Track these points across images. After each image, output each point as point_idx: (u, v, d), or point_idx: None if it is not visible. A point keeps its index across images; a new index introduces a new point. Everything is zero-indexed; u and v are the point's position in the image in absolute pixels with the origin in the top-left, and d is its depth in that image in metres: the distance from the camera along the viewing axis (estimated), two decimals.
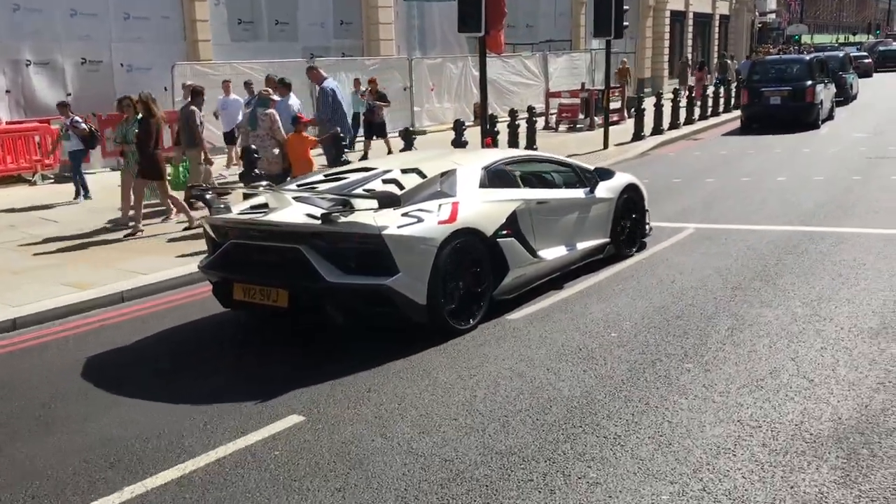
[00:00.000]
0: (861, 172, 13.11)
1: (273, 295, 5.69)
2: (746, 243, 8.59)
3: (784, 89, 20.10)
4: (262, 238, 5.87)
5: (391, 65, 21.57)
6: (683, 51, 39.42)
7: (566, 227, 7.17)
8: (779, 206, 10.54)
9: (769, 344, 5.56)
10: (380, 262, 5.49)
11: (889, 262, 7.52)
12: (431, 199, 5.95)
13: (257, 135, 10.59)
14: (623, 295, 6.91)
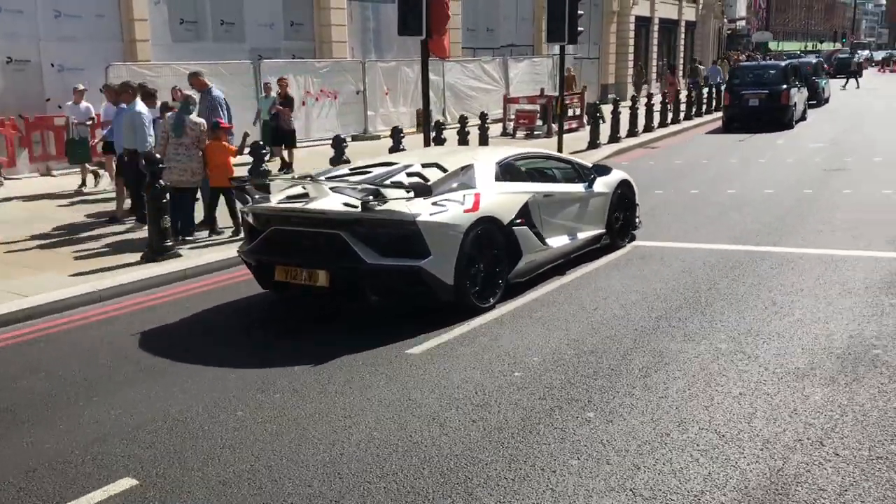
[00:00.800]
0: (813, 185, 12.69)
1: (314, 276, 6.22)
2: (682, 264, 8.06)
3: (762, 92, 21.96)
4: (303, 224, 6.34)
5: (343, 68, 20.89)
6: (649, 57, 39.15)
7: (568, 218, 7.80)
8: (723, 223, 10.04)
9: (684, 388, 4.97)
10: (414, 245, 6.06)
11: (827, 288, 6.99)
12: (456, 190, 6.55)
13: (182, 143, 9.86)
14: (539, 324, 6.31)
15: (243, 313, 7.01)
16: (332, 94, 20.48)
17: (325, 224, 6.21)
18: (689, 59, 44.21)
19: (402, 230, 6.08)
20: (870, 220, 9.79)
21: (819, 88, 29.23)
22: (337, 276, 6.18)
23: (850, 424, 4.37)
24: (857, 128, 22.22)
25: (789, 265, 7.83)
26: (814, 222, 9.84)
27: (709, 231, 9.59)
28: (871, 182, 12.75)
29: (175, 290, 7.89)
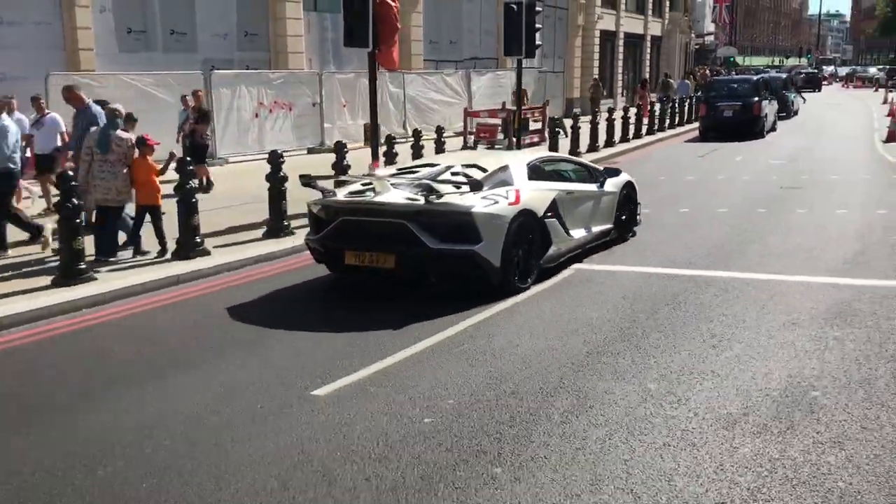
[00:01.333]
0: (768, 204, 12.39)
1: (381, 259, 7.17)
2: (624, 290, 7.64)
3: (735, 104, 23.59)
4: (371, 215, 7.31)
5: (299, 79, 20.35)
6: (614, 71, 39.08)
7: (585, 213, 8.77)
8: (672, 244, 9.64)
9: (604, 436, 4.52)
10: (468, 233, 7.02)
11: (770, 319, 6.59)
12: (499, 186, 7.57)
13: (107, 159, 9.25)
14: (463, 358, 5.84)
15: (146, 342, 6.47)
16: (287, 106, 19.94)
17: (391, 214, 7.21)
18: (655, 73, 44.37)
19: (458, 219, 7.09)
20: (822, 243, 9.48)
21: (788, 101, 30.76)
22: (403, 259, 7.16)
23: (779, 483, 3.94)
24: (819, 142, 22.27)
25: (735, 292, 7.44)
26: (765, 245, 9.50)
27: (655, 254, 9.19)
28: (826, 201, 12.50)
29: (84, 318, 7.31)
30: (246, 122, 18.87)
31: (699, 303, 7.12)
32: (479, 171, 8.02)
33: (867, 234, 9.87)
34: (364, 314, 6.97)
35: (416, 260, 7.17)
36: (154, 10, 18.39)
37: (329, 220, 7.66)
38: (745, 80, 26.58)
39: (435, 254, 7.08)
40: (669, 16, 46.81)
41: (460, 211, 7.13)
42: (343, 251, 7.48)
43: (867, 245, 9.29)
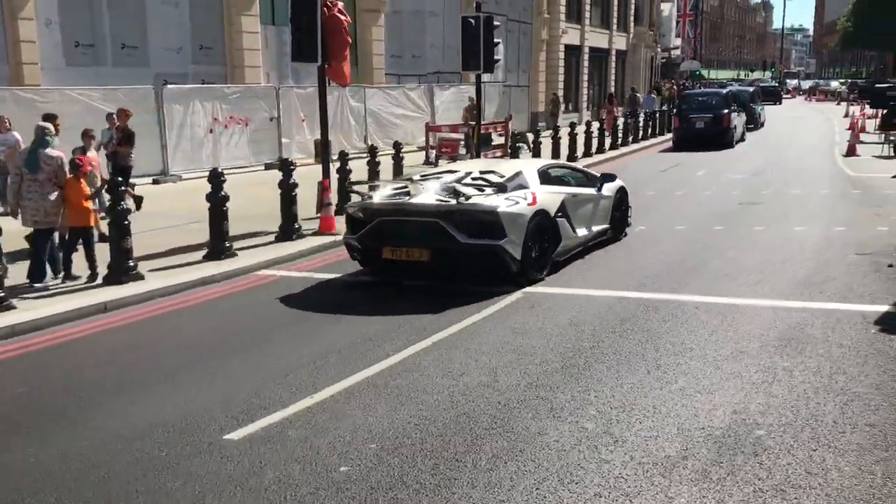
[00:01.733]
0: (726, 221, 12.18)
1: (417, 254, 8.03)
2: (571, 314, 7.32)
3: (707, 116, 24.97)
4: (406, 215, 8.15)
5: (256, 93, 19.92)
6: (579, 85, 39.03)
7: (587, 214, 9.61)
8: (625, 265, 9.36)
9: (533, 486, 4.16)
10: (494, 230, 7.88)
11: (719, 347, 6.29)
12: (518, 189, 8.46)
13: (37, 179, 8.76)
14: (394, 395, 5.46)
15: (55, 378, 6.01)
16: (244, 122, 19.49)
17: (426, 214, 8.05)
18: (620, 87, 44.47)
19: (486, 218, 7.94)
20: (777, 262, 9.24)
21: (756, 114, 31.94)
22: (436, 253, 8.00)
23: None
24: (782, 155, 22.35)
25: (684, 317, 7.15)
26: (719, 265, 9.23)
27: (607, 275, 8.90)
28: (785, 217, 12.32)
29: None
30: (199, 138, 18.41)
31: (647, 329, 6.81)
32: (496, 176, 8.95)
33: (824, 253, 9.67)
34: (295, 349, 6.60)
35: (448, 254, 8.04)
36: (103, 23, 17.87)
37: (367, 220, 8.49)
38: (716, 94, 28.01)
39: (465, 248, 7.98)
40: (634, 30, 46.94)
41: (487, 210, 8.03)
42: (381, 248, 8.33)
43: (823, 264, 9.07)
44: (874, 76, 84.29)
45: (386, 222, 8.35)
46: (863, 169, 18.67)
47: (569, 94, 38.02)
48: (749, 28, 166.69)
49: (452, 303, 7.73)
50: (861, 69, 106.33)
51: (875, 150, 22.19)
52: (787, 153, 23.15)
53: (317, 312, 7.65)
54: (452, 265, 8.21)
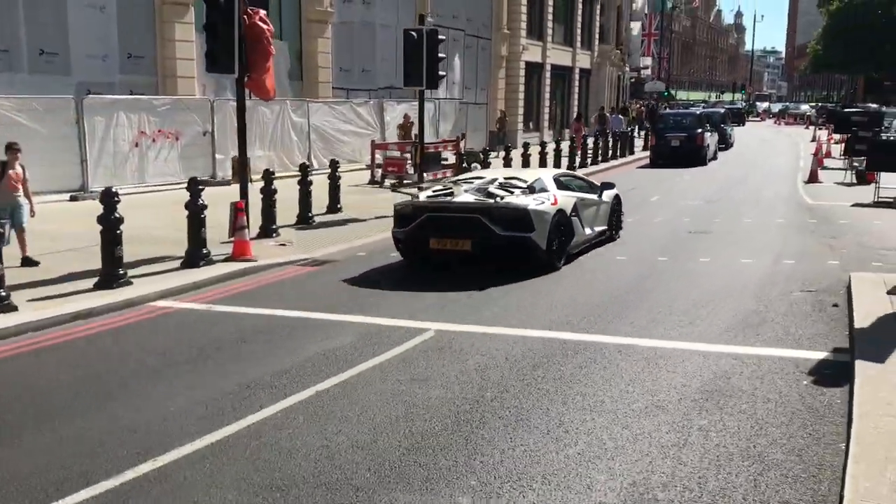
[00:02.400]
0: (671, 251, 11.80)
1: (460, 244, 9.78)
2: (481, 358, 6.78)
3: (681, 135, 27.44)
4: (450, 212, 9.95)
5: (187, 106, 19.23)
6: (541, 103, 38.90)
7: (591, 216, 11.46)
8: (553, 300, 8.86)
9: None
10: (525, 224, 9.71)
11: (633, 401, 5.78)
12: (541, 192, 10.37)
13: None
14: (249, 461, 4.86)
15: None
16: (174, 135, 18.80)
17: (468, 210, 9.87)
18: (584, 106, 44.51)
19: (518, 214, 9.80)
20: (716, 299, 8.82)
21: (727, 134, 34.61)
22: (477, 244, 9.75)
23: None
24: (743, 180, 22.40)
25: (604, 362, 6.64)
26: (655, 301, 8.78)
27: (534, 309, 8.40)
28: (733, 249, 11.99)
29: None
30: (124, 153, 17.69)
31: (559, 377, 6.28)
32: (519, 181, 10.86)
33: (767, 289, 9.29)
34: (147, 400, 5.99)
35: (486, 243, 9.81)
36: (18, 27, 17.13)
37: (415, 216, 10.21)
38: (690, 114, 30.85)
39: (500, 239, 9.77)
40: (599, 48, 47.04)
41: (520, 208, 9.93)
42: (428, 239, 10.05)
43: (765, 302, 8.66)
44: (845, 100, 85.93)
45: (432, 217, 10.14)
46: (823, 196, 18.59)
47: (530, 113, 37.89)
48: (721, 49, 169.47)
49: (356, 341, 7.17)
50: (832, 93, 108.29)
51: (838, 176, 22.20)
52: (749, 178, 23.26)
53: (191, 354, 7.05)
54: (489, 253, 9.96)
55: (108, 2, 18.90)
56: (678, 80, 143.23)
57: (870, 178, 18.92)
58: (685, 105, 59.12)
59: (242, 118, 11.96)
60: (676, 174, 24.13)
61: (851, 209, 16.40)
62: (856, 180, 21.20)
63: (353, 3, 26.28)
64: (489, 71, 34.23)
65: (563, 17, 41.46)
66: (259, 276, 10.32)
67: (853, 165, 21.95)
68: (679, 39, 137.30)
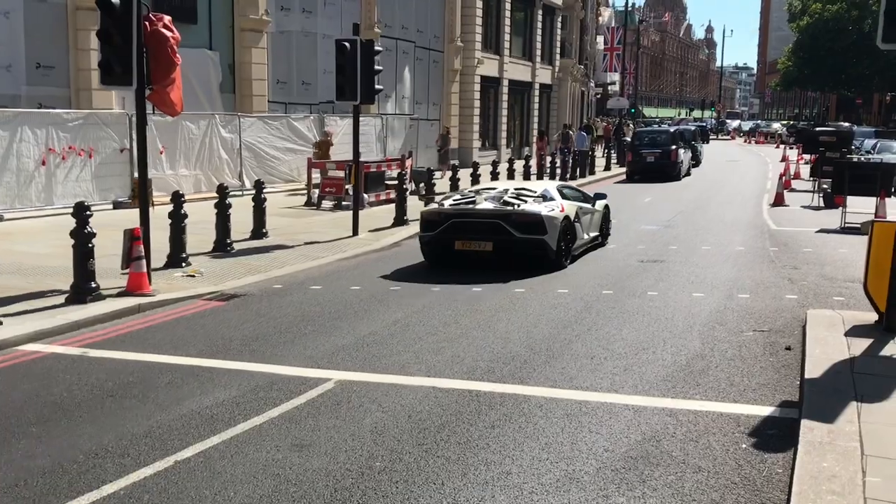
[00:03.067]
0: (618, 284, 11.35)
1: (482, 245, 11.96)
2: (381, 416, 6.17)
3: (656, 151, 30.24)
4: (473, 217, 12.16)
5: (102, 120, 18.43)
6: (498, 120, 38.61)
7: (587, 223, 13.59)
8: (475, 343, 8.28)
9: None
10: (539, 228, 11.95)
11: (545, 470, 5.18)
12: (549, 201, 12.57)
13: None
14: None
15: None
16: (87, 153, 17.99)
17: (490, 216, 11.98)
18: (545, 123, 44.40)
19: (534, 219, 11.91)
20: (658, 341, 8.32)
21: (698, 152, 37.57)
22: (497, 244, 11.84)
23: None
24: (705, 203, 22.34)
25: (521, 420, 6.05)
26: (589, 343, 8.25)
27: (448, 356, 7.79)
28: (686, 280, 11.58)
29: None
30: (29, 171, 16.86)
31: (466, 440, 5.68)
32: (528, 191, 12.99)
33: (716, 329, 8.82)
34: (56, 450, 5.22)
35: (506, 245, 11.93)
36: None
37: (441, 221, 12.27)
38: (664, 132, 33.61)
39: (518, 241, 11.91)
40: (560, 63, 47.04)
41: (535, 213, 12.06)
42: (454, 241, 12.10)
43: (711, 344, 8.18)
44: (817, 118, 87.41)
45: (457, 222, 12.19)
46: (787, 221, 18.45)
47: (486, 130, 37.57)
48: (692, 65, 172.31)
49: (240, 396, 6.50)
50: (805, 110, 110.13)
51: (806, 199, 22.12)
52: (713, 199, 23.27)
53: (43, 412, 6.34)
54: (509, 253, 12.05)
55: (13, 6, 18.11)
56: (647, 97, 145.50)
57: (838, 201, 18.74)
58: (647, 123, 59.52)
59: (143, 135, 11.24)
60: (640, 193, 24.04)
61: (816, 235, 16.17)
62: (823, 203, 21.04)
63: (292, 12, 25.71)
64: (442, 85, 33.80)
65: (522, 30, 41.38)
66: (153, 314, 9.63)
67: (822, 187, 21.79)
68: (648, 54, 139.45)
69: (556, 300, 10.26)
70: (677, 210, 20.67)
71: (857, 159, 20.79)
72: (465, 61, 34.68)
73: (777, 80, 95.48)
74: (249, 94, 23.53)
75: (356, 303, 10.15)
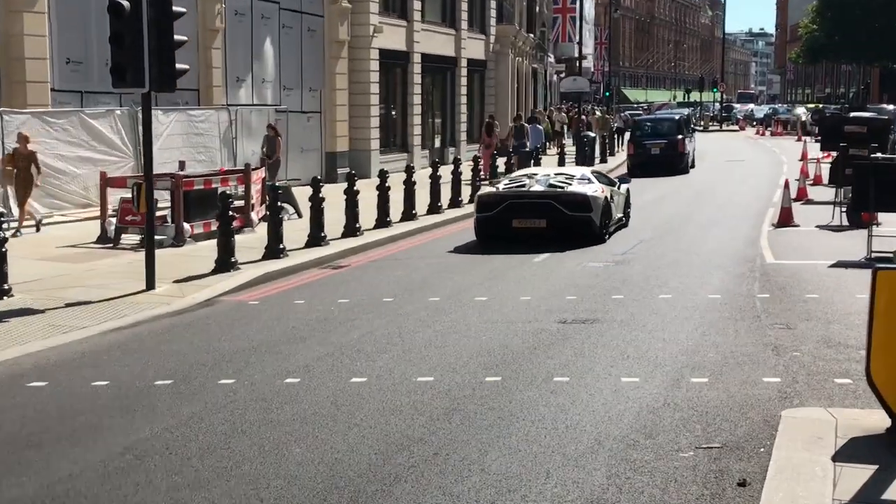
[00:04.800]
0: (512, 365, 10.21)
1: (537, 223, 18.82)
2: None
3: (661, 142, 36.12)
4: (528, 198, 19.24)
5: None
6: (408, 110, 37.82)
7: (617, 204, 20.78)
8: (266, 468, 7.02)
9: None
10: (586, 207, 19.02)
11: None
12: (590, 183, 20.00)
13: None
14: None
15: None
16: None
17: (543, 197, 19.13)
18: (480, 112, 43.97)
19: (581, 199, 19.03)
20: (536, 476, 6.99)
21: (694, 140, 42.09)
22: (550, 221, 18.71)
23: None
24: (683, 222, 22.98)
25: None
26: (428, 481, 6.92)
27: None
28: (619, 355, 10.51)
29: None
30: None
31: None
32: (565, 176, 20.28)
33: (637, 446, 7.57)
34: None
35: (558, 222, 18.49)
36: None
37: (498, 203, 18.92)
38: (668, 119, 40.72)
39: (568, 218, 18.49)
40: (497, 31, 46.82)
41: (582, 194, 18.88)
42: (511, 219, 18.65)
43: (621, 479, 6.88)
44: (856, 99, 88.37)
45: (514, 203, 18.72)
46: (792, 251, 17.96)
47: (390, 125, 37.39)
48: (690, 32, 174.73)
49: None
50: (838, 89, 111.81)
51: (825, 214, 21.65)
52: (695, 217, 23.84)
53: None
54: (560, 229, 18.44)
55: None
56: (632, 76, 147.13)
57: (866, 218, 17.89)
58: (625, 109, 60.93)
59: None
60: None
61: (830, 272, 15.31)
62: (848, 222, 20.26)
63: None
64: (322, 64, 32.87)
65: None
66: None
67: (843, 200, 20.93)
68: (631, 19, 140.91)
69: (417, 393, 8.86)
70: (640, 235, 20.37)
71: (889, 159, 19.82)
72: (355, 30, 33.90)
73: (799, 50, 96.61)
74: (21, 81, 22.02)
75: (94, 414, 8.86)
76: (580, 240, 18.44)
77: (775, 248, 17.90)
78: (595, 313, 12.56)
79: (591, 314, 12.52)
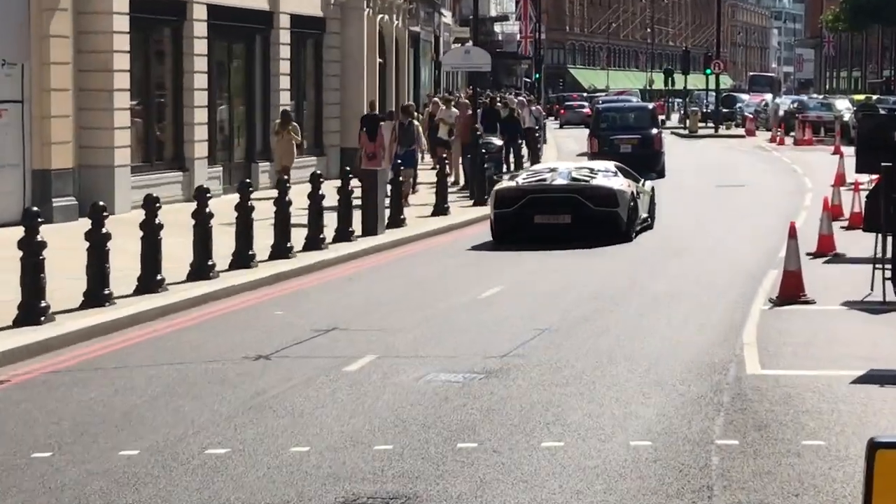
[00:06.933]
0: None
1: (561, 218, 34.26)
2: None
3: (634, 137, 45.58)
4: (550, 192, 35.16)
5: None
6: (179, 100, 38.20)
7: (642, 202, 38.18)
8: None
9: None
10: (612, 201, 34.78)
11: None
12: (615, 177, 37.07)
13: None
14: None
15: None
16: None
17: (567, 191, 34.49)
18: (299, 100, 46.17)
19: (607, 193, 34.44)
20: None
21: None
22: (575, 216, 33.43)
23: None
24: (618, 298, 23.62)
25: None
26: None
27: None
28: None
29: None
30: None
31: None
32: (587, 170, 36.42)
33: None
34: None
35: (583, 217, 32.65)
36: None
37: (519, 198, 32.90)
38: (640, 108, 52.15)
39: (594, 213, 32.88)
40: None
41: (608, 188, 33.60)
42: (533, 215, 32.80)
43: None
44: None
45: (535, 197, 32.49)
46: (790, 354, 17.65)
47: (149, 125, 37.76)
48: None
49: None
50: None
51: (858, 281, 21.73)
52: (634, 295, 24.10)
53: None
54: (585, 225, 31.74)
55: None
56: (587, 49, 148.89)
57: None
58: (564, 98, 78.04)
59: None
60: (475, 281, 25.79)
61: (851, 393, 14.45)
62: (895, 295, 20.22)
63: None
64: (26, 19, 31.88)
65: None
66: None
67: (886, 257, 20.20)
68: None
69: None
70: (539, 320, 18.96)
71: None
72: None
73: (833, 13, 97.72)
74: None
75: None
76: (604, 239, 29.90)
77: (766, 347, 17.59)
78: (414, 485, 11.18)
79: (407, 486, 11.23)
